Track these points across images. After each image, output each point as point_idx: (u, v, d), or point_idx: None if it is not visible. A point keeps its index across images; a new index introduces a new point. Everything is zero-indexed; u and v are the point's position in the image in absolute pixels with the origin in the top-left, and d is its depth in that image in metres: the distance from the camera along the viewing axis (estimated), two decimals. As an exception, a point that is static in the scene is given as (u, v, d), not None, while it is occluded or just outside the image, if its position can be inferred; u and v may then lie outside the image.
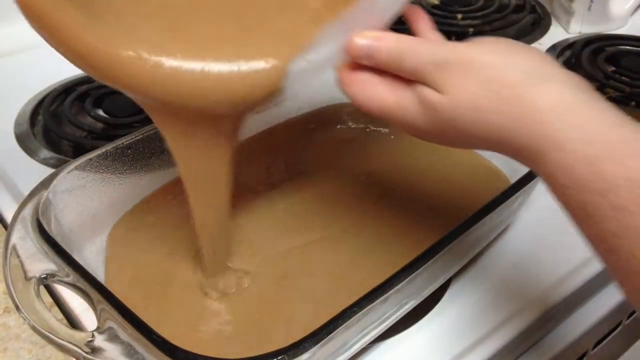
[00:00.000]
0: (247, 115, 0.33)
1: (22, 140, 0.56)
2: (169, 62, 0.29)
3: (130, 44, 0.29)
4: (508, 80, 0.29)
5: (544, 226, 0.49)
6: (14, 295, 0.33)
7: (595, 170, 0.27)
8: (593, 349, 0.50)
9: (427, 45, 0.31)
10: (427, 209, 0.47)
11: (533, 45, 0.74)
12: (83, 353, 0.31)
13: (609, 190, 0.26)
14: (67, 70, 0.65)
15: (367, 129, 0.49)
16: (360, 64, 0.32)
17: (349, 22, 0.32)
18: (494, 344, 0.40)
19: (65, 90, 0.62)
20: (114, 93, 0.62)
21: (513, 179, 0.47)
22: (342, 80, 0.33)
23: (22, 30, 0.68)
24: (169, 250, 0.43)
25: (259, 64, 0.30)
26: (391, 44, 0.31)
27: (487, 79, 0.29)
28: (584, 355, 0.50)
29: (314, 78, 0.33)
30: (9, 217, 0.48)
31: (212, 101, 0.30)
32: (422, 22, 0.35)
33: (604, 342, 0.51)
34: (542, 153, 0.28)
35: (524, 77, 0.29)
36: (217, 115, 0.31)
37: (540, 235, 0.48)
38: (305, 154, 0.52)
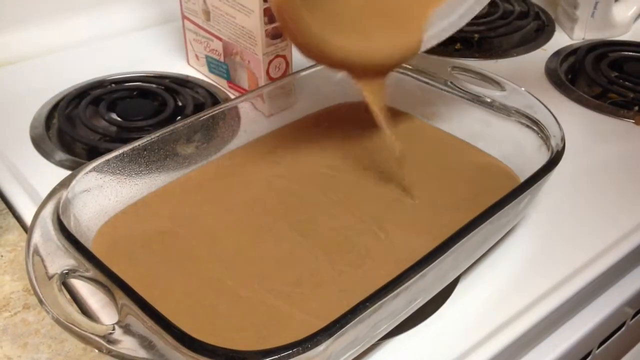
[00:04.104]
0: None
1: (38, 142, 0.58)
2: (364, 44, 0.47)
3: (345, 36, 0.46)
4: None
5: (551, 226, 0.50)
6: (38, 290, 0.34)
7: None
8: (598, 348, 0.51)
9: None
10: (439, 206, 0.48)
11: (537, 51, 0.75)
12: (105, 344, 0.32)
13: None
14: (81, 75, 0.67)
15: (379, 128, 0.50)
16: None
17: None
18: (501, 342, 0.41)
19: (79, 94, 0.63)
20: (127, 97, 0.64)
21: (522, 178, 0.48)
22: None
23: (38, 36, 0.70)
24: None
25: (405, 40, 0.49)
26: None
27: None
28: (589, 354, 0.51)
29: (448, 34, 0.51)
30: (26, 216, 0.49)
31: (385, 61, 0.48)
32: None
33: (609, 341, 0.52)
34: None
35: None
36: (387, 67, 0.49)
37: (547, 235, 0.49)
38: (318, 152, 0.53)
